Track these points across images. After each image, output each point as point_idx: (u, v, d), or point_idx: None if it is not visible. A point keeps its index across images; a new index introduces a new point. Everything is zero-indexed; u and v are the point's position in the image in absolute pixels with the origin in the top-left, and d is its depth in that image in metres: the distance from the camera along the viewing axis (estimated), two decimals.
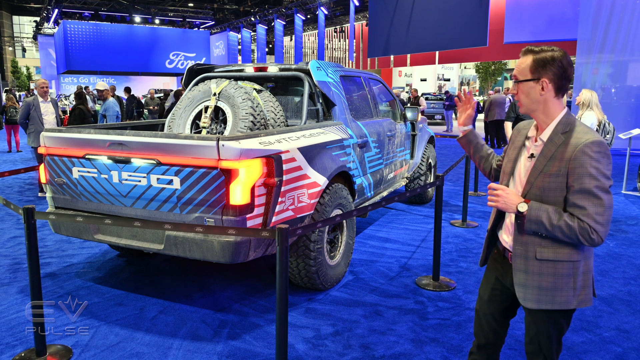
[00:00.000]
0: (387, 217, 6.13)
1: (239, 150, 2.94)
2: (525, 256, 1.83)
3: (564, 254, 1.79)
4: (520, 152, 1.93)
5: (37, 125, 6.98)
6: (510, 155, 1.97)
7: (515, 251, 1.86)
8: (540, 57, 1.76)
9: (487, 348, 2.13)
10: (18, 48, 54.00)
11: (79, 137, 3.44)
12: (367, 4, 23.63)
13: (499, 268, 2.02)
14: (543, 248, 1.80)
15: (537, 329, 1.90)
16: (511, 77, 1.87)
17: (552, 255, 1.79)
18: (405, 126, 6.02)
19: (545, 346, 1.91)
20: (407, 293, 3.86)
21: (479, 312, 2.12)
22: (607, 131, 5.55)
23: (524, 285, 1.85)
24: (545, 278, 1.81)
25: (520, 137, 1.96)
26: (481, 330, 2.12)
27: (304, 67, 4.31)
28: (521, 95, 1.82)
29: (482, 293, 2.12)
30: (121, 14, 32.85)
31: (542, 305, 1.83)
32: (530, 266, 1.82)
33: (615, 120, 10.11)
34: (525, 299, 1.85)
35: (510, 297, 2.02)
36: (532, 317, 1.91)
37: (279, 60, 29.24)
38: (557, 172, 1.74)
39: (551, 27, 16.38)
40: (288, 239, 2.42)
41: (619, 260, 4.59)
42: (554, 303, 1.81)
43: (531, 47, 1.81)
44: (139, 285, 4.00)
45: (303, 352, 2.98)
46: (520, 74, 1.81)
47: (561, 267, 1.80)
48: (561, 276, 1.80)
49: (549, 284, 1.80)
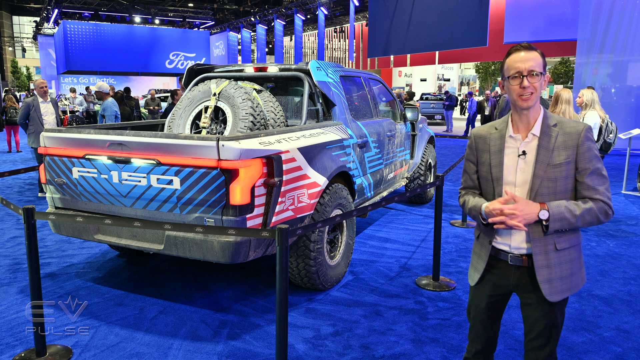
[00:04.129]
0: (387, 217, 6.13)
1: (239, 151, 2.94)
2: (546, 251, 1.85)
3: (574, 238, 1.89)
4: (503, 154, 1.90)
5: (37, 126, 6.97)
6: (493, 160, 1.92)
7: (535, 249, 1.84)
8: (541, 53, 1.82)
9: (484, 352, 2.12)
10: (18, 48, 54.00)
11: (78, 137, 3.44)
12: (367, 4, 23.64)
13: (496, 273, 1.98)
14: (560, 238, 1.85)
15: (547, 320, 1.91)
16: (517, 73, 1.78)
17: (567, 243, 1.87)
18: (405, 126, 6.02)
19: (553, 337, 1.93)
20: (407, 293, 3.86)
21: (475, 319, 2.09)
22: (610, 130, 5.53)
23: (548, 280, 1.85)
24: (564, 267, 1.87)
25: (494, 140, 1.93)
26: (478, 337, 2.10)
27: (304, 67, 4.31)
28: (536, 87, 1.79)
29: (477, 302, 2.06)
30: (121, 14, 32.87)
31: (565, 294, 1.87)
32: (552, 259, 1.85)
33: (615, 120, 10.08)
34: (551, 294, 1.85)
35: (507, 299, 2.03)
36: (542, 310, 1.90)
37: (279, 60, 29.25)
38: (566, 160, 1.80)
39: (551, 27, 16.40)
40: (288, 239, 2.42)
41: (619, 260, 4.59)
42: (572, 289, 1.89)
43: (526, 44, 1.83)
44: (139, 285, 4.00)
45: (303, 352, 2.98)
46: (538, 67, 1.78)
47: (574, 252, 1.89)
48: (573, 261, 1.89)
49: (567, 272, 1.87)
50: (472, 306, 2.10)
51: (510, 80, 1.81)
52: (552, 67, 33.44)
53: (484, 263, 1.98)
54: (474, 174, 2.03)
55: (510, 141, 1.90)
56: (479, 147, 1.99)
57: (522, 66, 1.78)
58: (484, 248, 1.98)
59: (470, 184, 2.06)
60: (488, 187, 1.95)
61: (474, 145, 2.01)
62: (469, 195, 2.03)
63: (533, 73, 1.78)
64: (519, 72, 1.78)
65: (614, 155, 11.38)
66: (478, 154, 1.99)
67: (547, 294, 1.84)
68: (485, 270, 1.99)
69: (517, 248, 1.89)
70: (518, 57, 1.80)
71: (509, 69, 1.82)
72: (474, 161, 2.02)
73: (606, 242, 5.15)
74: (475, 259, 2.04)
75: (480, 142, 1.99)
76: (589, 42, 12.93)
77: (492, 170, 1.92)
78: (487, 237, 1.96)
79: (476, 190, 2.04)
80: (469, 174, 2.05)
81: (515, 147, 1.88)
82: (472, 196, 2.00)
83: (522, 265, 1.90)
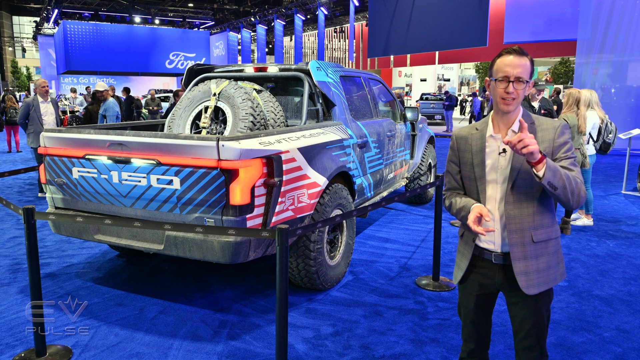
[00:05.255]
0: (387, 217, 6.13)
1: (238, 151, 2.94)
2: (522, 243, 1.89)
3: (551, 232, 1.93)
4: (484, 154, 1.93)
5: (37, 126, 6.97)
6: (475, 160, 1.96)
7: (512, 240, 1.89)
8: (531, 60, 1.85)
9: (479, 350, 2.15)
10: (18, 48, 54.00)
11: (78, 137, 3.44)
12: (367, 4, 23.64)
13: (481, 272, 2.01)
14: (537, 230, 1.89)
15: (534, 319, 1.94)
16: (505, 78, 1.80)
17: (544, 236, 1.91)
18: (405, 126, 6.02)
19: (541, 335, 1.97)
20: (407, 293, 3.86)
21: (466, 319, 2.13)
22: (610, 130, 5.52)
23: (525, 272, 1.88)
24: (541, 260, 1.90)
25: (476, 140, 1.96)
26: (471, 336, 2.13)
27: (304, 68, 4.31)
28: (520, 93, 1.82)
29: (465, 303, 2.10)
30: (121, 14, 32.87)
31: (542, 287, 1.89)
32: (528, 251, 1.89)
33: (615, 120, 10.11)
34: (528, 287, 1.88)
35: (495, 297, 2.07)
36: (528, 308, 1.94)
37: (279, 60, 29.24)
38: (543, 153, 1.81)
39: (551, 27, 16.40)
40: (288, 239, 2.42)
41: (619, 260, 4.59)
42: (549, 282, 1.91)
43: (518, 48, 1.84)
44: (139, 285, 4.00)
45: (303, 352, 2.98)
46: (525, 74, 1.81)
47: (551, 245, 1.93)
48: (551, 254, 1.93)
49: (544, 265, 1.91)
50: (462, 306, 2.14)
51: (497, 82, 1.84)
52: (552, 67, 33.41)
53: (467, 261, 2.03)
54: (456, 174, 2.07)
55: (490, 140, 1.94)
56: (461, 148, 2.03)
57: (511, 71, 1.80)
58: (468, 246, 2.03)
59: (454, 185, 2.10)
60: (472, 186, 2.00)
61: (455, 146, 2.05)
62: (454, 196, 2.06)
63: (520, 79, 1.80)
64: (507, 76, 1.81)
65: (614, 155, 11.38)
66: (460, 154, 2.03)
67: (524, 286, 1.88)
68: (469, 270, 2.04)
69: (499, 245, 1.94)
70: (508, 61, 1.82)
71: (498, 71, 1.84)
72: (456, 162, 2.06)
73: (606, 242, 5.15)
74: (460, 257, 2.09)
75: (461, 142, 2.03)
76: (589, 42, 12.92)
77: (474, 169, 1.96)
78: (471, 235, 2.01)
79: (460, 190, 2.08)
80: (452, 174, 2.09)
81: (495, 146, 1.92)
82: (458, 197, 2.04)
83: (504, 264, 1.94)
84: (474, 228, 1.84)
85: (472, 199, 1.99)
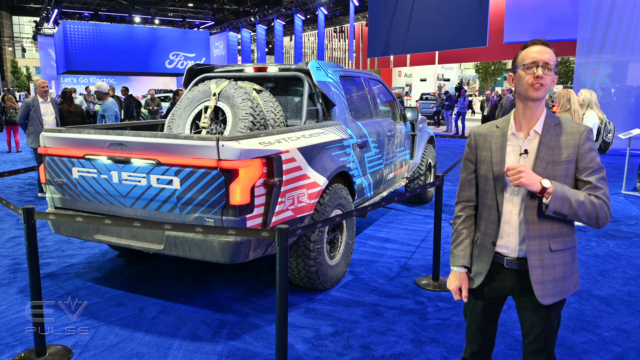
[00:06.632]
0: (387, 217, 6.13)
1: (238, 151, 2.94)
2: (540, 250, 1.83)
3: (570, 241, 1.87)
4: (505, 152, 1.88)
5: (37, 126, 6.97)
6: (494, 158, 1.89)
7: (530, 248, 1.83)
8: (555, 52, 1.81)
9: (482, 353, 2.12)
10: (18, 48, 54.01)
11: (78, 137, 3.44)
12: (367, 4, 23.64)
13: (492, 276, 1.96)
14: (555, 239, 1.84)
15: (543, 325, 1.90)
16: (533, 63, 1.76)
17: (562, 245, 1.85)
18: (405, 126, 6.02)
19: (549, 340, 1.92)
20: (407, 293, 3.86)
21: (471, 321, 2.08)
22: (609, 130, 5.54)
23: (541, 282, 1.83)
24: (558, 269, 1.85)
25: (496, 138, 1.91)
26: (475, 338, 2.09)
27: (304, 68, 4.31)
28: (548, 81, 1.78)
29: (472, 305, 2.05)
30: (121, 14, 32.88)
31: (556, 297, 1.85)
32: (545, 260, 1.83)
33: (615, 120, 10.10)
34: (543, 296, 1.83)
35: (503, 301, 2.03)
36: (539, 314, 1.89)
37: (279, 60, 29.23)
38: (567, 159, 1.79)
39: (551, 27, 16.39)
40: (288, 239, 2.42)
41: (619, 260, 4.59)
42: (563, 292, 1.86)
43: (544, 40, 1.82)
44: (138, 285, 3.99)
45: (303, 352, 2.98)
46: (552, 61, 1.78)
47: (568, 255, 1.87)
48: (567, 264, 1.87)
49: (560, 274, 1.85)
50: (468, 308, 2.09)
51: (525, 69, 1.79)
52: None
53: (487, 265, 1.93)
54: (471, 174, 1.99)
55: (512, 139, 1.88)
56: (479, 145, 1.95)
57: (539, 57, 1.77)
58: (486, 249, 1.94)
59: (466, 195, 2.02)
60: (488, 187, 1.92)
61: (473, 143, 1.98)
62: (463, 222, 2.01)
63: (548, 66, 1.77)
64: (535, 62, 1.77)
65: (614, 155, 11.38)
66: (478, 152, 1.96)
67: (539, 295, 1.83)
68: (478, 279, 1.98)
69: (514, 250, 1.87)
70: (535, 49, 1.79)
71: (525, 58, 1.80)
72: (472, 160, 1.98)
73: (606, 242, 5.15)
74: (475, 261, 1.99)
75: (480, 139, 1.96)
76: (589, 42, 12.93)
77: (493, 168, 1.89)
78: (489, 239, 1.92)
79: (473, 202, 2.01)
80: (467, 173, 2.01)
81: (517, 145, 1.86)
82: (466, 229, 2.00)
83: (517, 269, 1.88)
84: (455, 296, 1.97)
85: (487, 202, 1.91)
